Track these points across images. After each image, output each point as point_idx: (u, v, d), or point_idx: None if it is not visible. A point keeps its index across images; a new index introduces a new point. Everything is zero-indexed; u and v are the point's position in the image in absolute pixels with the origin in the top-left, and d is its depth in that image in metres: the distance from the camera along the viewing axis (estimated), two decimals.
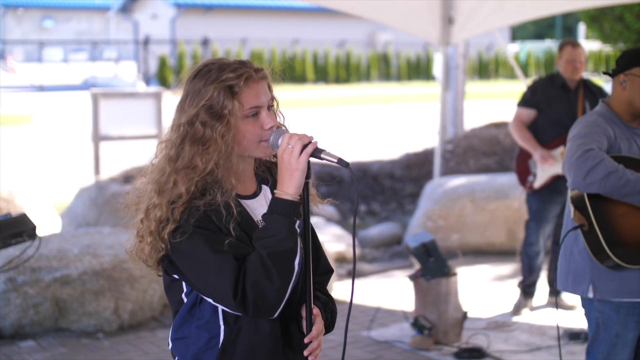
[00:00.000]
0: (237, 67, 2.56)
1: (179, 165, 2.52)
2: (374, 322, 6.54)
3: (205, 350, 2.57)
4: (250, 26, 38.14)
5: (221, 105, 2.51)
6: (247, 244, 2.50)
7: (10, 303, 6.33)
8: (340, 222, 10.19)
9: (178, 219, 2.47)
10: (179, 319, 2.63)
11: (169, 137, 2.57)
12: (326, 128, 21.13)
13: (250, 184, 2.67)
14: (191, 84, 2.57)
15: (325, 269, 2.84)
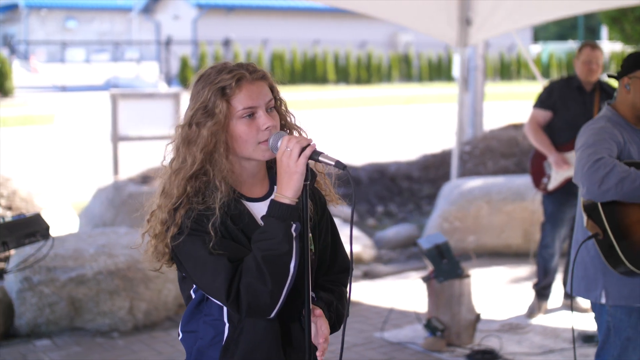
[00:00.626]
0: (233, 69, 2.60)
1: (176, 166, 2.58)
2: (388, 324, 6.54)
3: (210, 346, 2.63)
4: (271, 27, 38.18)
5: (213, 105, 2.56)
6: (245, 246, 2.53)
7: (26, 302, 6.38)
8: (357, 223, 10.19)
9: (179, 223, 2.53)
10: (188, 313, 2.70)
11: (173, 140, 2.62)
12: (346, 129, 21.16)
13: (259, 186, 2.69)
14: (194, 87, 2.63)
15: (343, 266, 2.86)
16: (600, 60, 6.49)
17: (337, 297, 2.80)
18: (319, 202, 2.80)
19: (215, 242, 2.50)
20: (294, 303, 2.61)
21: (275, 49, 35.20)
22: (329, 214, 2.84)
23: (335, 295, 2.80)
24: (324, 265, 2.81)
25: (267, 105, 2.61)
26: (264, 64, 34.60)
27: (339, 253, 2.85)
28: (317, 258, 2.75)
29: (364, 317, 6.86)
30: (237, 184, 2.63)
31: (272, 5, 38.12)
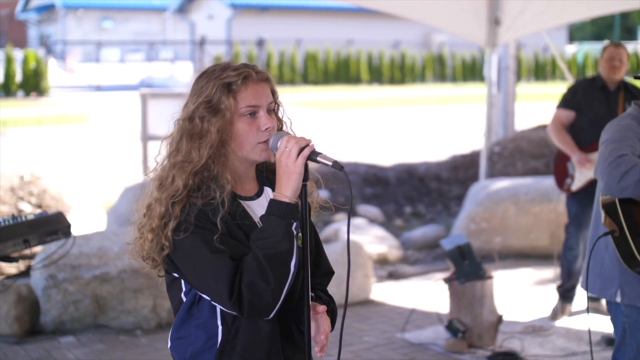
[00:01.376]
0: (239, 67, 2.62)
1: (178, 159, 2.57)
2: (410, 324, 6.53)
3: (203, 351, 2.60)
4: (305, 27, 38.23)
5: (218, 100, 2.56)
6: (245, 244, 2.53)
7: (51, 299, 6.45)
8: (383, 224, 10.18)
9: (179, 215, 2.51)
10: (179, 319, 2.66)
11: (171, 134, 2.62)
12: (377, 129, 21.12)
13: (251, 186, 2.70)
14: (196, 83, 2.63)
15: (325, 270, 2.88)
16: (624, 58, 6.42)
17: (330, 298, 2.83)
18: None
19: (216, 238, 2.48)
20: (291, 302, 2.62)
21: (308, 49, 35.22)
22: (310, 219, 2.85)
23: (328, 296, 2.83)
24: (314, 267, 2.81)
25: (268, 106, 2.63)
26: (297, 64, 34.68)
27: (322, 257, 2.87)
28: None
29: (387, 317, 6.85)
30: (232, 183, 2.63)
31: (306, 5, 38.15)
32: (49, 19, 52.34)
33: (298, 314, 2.67)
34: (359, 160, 12.72)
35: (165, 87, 29.14)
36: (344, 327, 6.34)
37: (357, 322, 6.76)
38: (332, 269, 2.91)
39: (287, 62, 34.60)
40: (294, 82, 34.76)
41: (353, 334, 6.45)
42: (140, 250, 2.61)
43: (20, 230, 4.69)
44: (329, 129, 20.98)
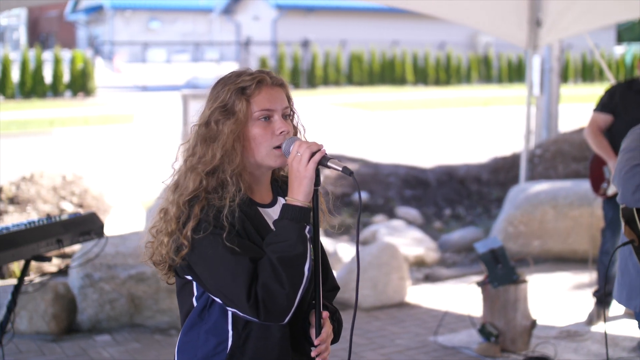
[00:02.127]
0: (254, 72, 2.64)
1: (193, 162, 2.60)
2: (445, 327, 6.51)
3: (213, 355, 2.60)
4: (350, 28, 38.23)
5: (233, 104, 2.59)
6: (262, 248, 2.53)
7: (87, 298, 6.53)
8: (422, 226, 10.15)
9: (199, 214, 2.52)
10: (189, 323, 2.66)
11: (188, 140, 2.65)
12: (421, 130, 21.04)
13: (267, 194, 2.72)
14: (213, 90, 2.66)
15: (332, 285, 2.86)
16: None
17: (336, 309, 2.81)
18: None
19: (236, 241, 2.49)
20: (301, 308, 2.61)
21: (353, 50, 35.20)
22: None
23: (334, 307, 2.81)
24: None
25: (283, 111, 2.64)
26: (342, 65, 34.67)
27: (329, 270, 2.85)
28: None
29: (421, 320, 6.83)
30: (250, 189, 2.65)
31: (351, 6, 38.13)
32: (97, 20, 52.97)
33: (306, 322, 2.67)
34: (400, 161, 12.69)
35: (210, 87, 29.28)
36: (378, 330, 6.34)
37: (391, 324, 6.75)
38: (337, 285, 2.89)
39: (332, 63, 34.61)
40: (338, 83, 34.76)
41: (386, 336, 6.45)
42: (152, 255, 2.63)
43: (54, 230, 4.76)
44: (372, 130, 20.97)
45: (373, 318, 6.93)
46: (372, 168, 11.67)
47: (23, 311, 6.48)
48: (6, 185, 10.09)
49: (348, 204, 10.75)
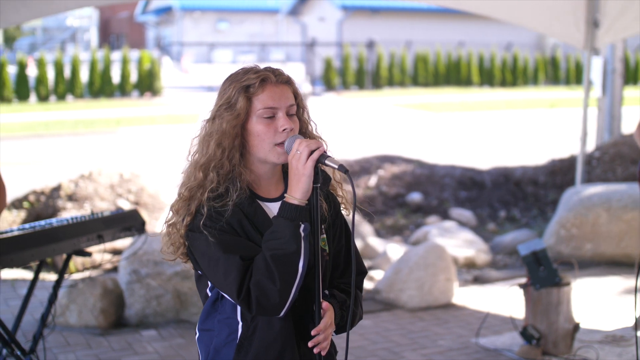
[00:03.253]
0: (260, 70, 2.68)
1: (196, 158, 2.68)
2: (488, 330, 6.48)
3: (225, 344, 2.70)
4: (415, 29, 38.10)
5: (236, 101, 2.65)
6: (259, 244, 2.59)
7: (134, 293, 6.66)
8: (475, 228, 10.09)
9: (194, 212, 2.61)
10: (205, 312, 2.77)
11: (197, 134, 2.72)
12: (484, 131, 20.88)
13: (275, 188, 2.75)
14: (222, 86, 2.72)
15: (358, 269, 2.89)
16: None
17: (354, 297, 2.83)
18: (333, 205, 2.83)
19: (229, 238, 2.56)
20: (307, 301, 2.66)
21: (419, 51, 35.06)
22: (342, 217, 2.89)
23: (348, 296, 2.83)
24: (339, 267, 2.85)
25: (287, 109, 2.68)
26: (407, 66, 34.56)
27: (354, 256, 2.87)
28: (332, 260, 2.79)
29: (466, 321, 6.81)
30: (254, 184, 2.71)
31: (417, 7, 38.00)
32: (166, 21, 53.70)
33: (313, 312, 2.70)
34: (457, 163, 12.62)
35: None
36: (421, 330, 6.33)
37: (435, 325, 6.74)
38: (364, 269, 2.94)
39: (397, 64, 34.53)
40: (403, 84, 34.67)
41: (428, 337, 6.44)
42: (167, 246, 2.70)
43: (95, 226, 4.88)
44: (434, 132, 20.88)
45: (417, 319, 6.92)
46: (427, 169, 11.64)
47: (73, 305, 6.63)
48: (65, 182, 10.32)
49: (402, 205, 10.74)
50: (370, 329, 6.67)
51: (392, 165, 11.74)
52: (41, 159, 16.49)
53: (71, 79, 29.13)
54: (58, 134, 20.71)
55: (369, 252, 8.85)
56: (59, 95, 28.88)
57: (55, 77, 28.70)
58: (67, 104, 27.93)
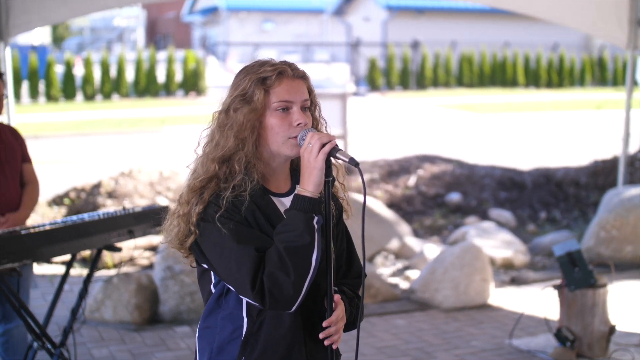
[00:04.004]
0: (276, 63, 2.66)
1: (209, 149, 2.66)
2: (523, 331, 6.42)
3: (229, 341, 2.65)
4: (460, 29, 37.87)
5: (252, 93, 2.62)
6: (271, 237, 2.56)
7: (168, 290, 6.69)
8: (514, 229, 9.99)
9: (207, 200, 2.57)
10: (207, 309, 2.72)
11: (209, 126, 2.70)
12: (527, 133, 20.70)
13: (285, 183, 2.74)
14: (236, 78, 2.70)
15: (357, 272, 2.87)
16: None
17: (358, 296, 2.81)
18: (337, 206, 2.81)
19: (243, 229, 2.53)
20: (315, 298, 2.63)
21: (464, 51, 34.85)
22: (343, 220, 2.85)
23: (356, 295, 2.81)
24: (341, 269, 2.83)
25: (302, 104, 2.66)
26: (452, 66, 34.37)
27: (354, 258, 2.87)
28: (336, 260, 2.76)
29: (501, 322, 6.74)
30: (265, 178, 2.68)
31: (462, 7, 37.79)
32: (212, 21, 54.00)
33: (322, 308, 2.67)
34: (497, 163, 12.52)
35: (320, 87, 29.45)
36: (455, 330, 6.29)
37: (469, 326, 6.68)
38: (362, 271, 2.90)
39: (441, 65, 34.33)
40: (448, 85, 34.48)
41: (462, 337, 6.39)
42: (174, 239, 2.67)
43: (126, 221, 4.91)
44: (477, 132, 20.74)
45: (452, 319, 6.87)
46: (467, 169, 11.56)
47: (108, 300, 6.69)
48: (106, 180, 10.42)
49: (441, 205, 10.68)
50: (404, 329, 6.63)
51: (431, 165, 11.68)
52: (86, 156, 16.66)
53: (117, 79, 29.42)
54: (103, 132, 20.93)
55: (406, 251, 8.81)
56: (105, 95, 29.18)
57: (102, 76, 29.00)
58: (112, 103, 28.22)
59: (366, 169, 11.74)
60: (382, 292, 7.38)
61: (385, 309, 7.14)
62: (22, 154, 5.02)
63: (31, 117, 23.27)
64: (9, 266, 4.17)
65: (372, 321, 6.82)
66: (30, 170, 5.06)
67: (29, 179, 5.04)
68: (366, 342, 6.33)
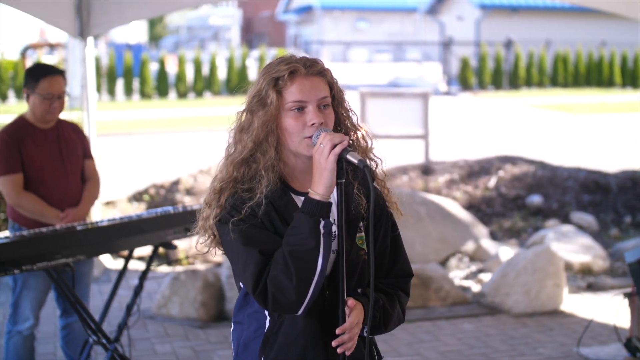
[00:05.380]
0: (291, 61, 2.62)
1: (229, 152, 2.66)
2: (594, 339, 6.24)
3: (253, 338, 2.67)
4: (555, 28, 37.11)
5: (266, 94, 2.59)
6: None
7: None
8: (595, 233, 9.71)
9: (223, 203, 2.59)
10: (237, 305, 2.76)
11: (233, 126, 2.70)
12: (620, 134, 20.16)
13: (310, 182, 2.65)
14: (258, 75, 2.68)
15: (403, 271, 2.80)
16: None
17: (389, 299, 2.72)
18: (379, 204, 2.72)
19: (252, 231, 2.52)
20: (335, 299, 2.58)
21: (558, 51, 34.16)
22: (389, 217, 2.77)
23: (387, 297, 2.72)
24: (383, 268, 2.75)
25: (319, 101, 2.60)
26: (546, 66, 33.75)
27: (399, 257, 2.79)
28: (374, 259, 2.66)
29: (571, 330, 6.55)
30: (289, 177, 2.66)
31: (558, 5, 37.04)
32: (307, 20, 54.28)
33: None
34: (583, 165, 12.20)
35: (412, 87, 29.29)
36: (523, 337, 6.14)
37: (538, 332, 6.52)
38: (410, 272, 2.82)
39: (535, 64, 33.72)
40: (542, 85, 33.84)
41: (529, 344, 6.24)
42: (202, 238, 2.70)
43: (184, 219, 4.93)
44: (567, 133, 20.29)
45: (521, 324, 6.71)
46: (549, 171, 11.30)
47: (175, 297, 6.75)
48: (184, 177, 10.54)
49: (521, 207, 10.47)
50: (470, 333, 6.51)
51: (513, 167, 11.46)
52: (173, 153, 16.90)
53: (209, 76, 29.83)
54: (194, 129, 21.21)
55: (481, 254, 8.66)
56: (197, 92, 29.62)
57: (194, 74, 29.45)
58: (204, 101, 28.61)
59: (446, 169, 11.60)
60: (452, 295, 7.27)
61: (453, 312, 7.02)
62: (83, 150, 5.09)
63: (125, 114, 23.78)
64: (63, 261, 4.24)
65: (439, 325, 6.72)
66: (91, 167, 5.13)
67: (90, 175, 5.11)
68: (430, 345, 6.24)
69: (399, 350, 6.13)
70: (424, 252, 8.42)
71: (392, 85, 33.22)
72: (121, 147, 17.23)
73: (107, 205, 10.04)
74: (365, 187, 2.67)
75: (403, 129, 12.29)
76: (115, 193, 10.57)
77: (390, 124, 12.19)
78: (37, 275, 4.76)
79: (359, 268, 2.65)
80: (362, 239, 2.65)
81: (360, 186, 2.67)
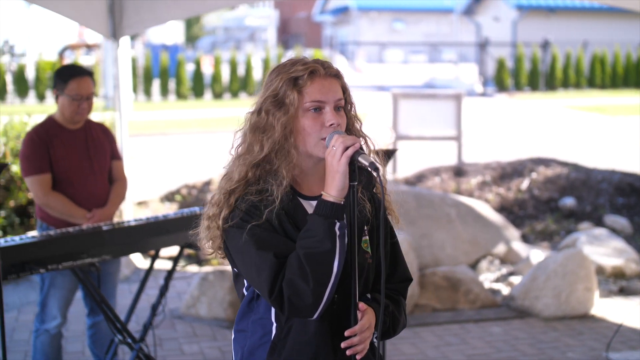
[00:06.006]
0: (308, 62, 2.61)
1: (241, 152, 2.62)
2: (624, 344, 6.16)
3: (258, 346, 2.63)
4: (592, 28, 36.76)
5: (284, 94, 2.57)
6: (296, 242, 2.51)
7: None
8: (629, 237, 9.60)
9: (232, 204, 2.55)
10: (240, 312, 2.71)
11: (241, 127, 2.67)
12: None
13: (318, 185, 2.65)
14: (268, 77, 2.66)
15: (403, 276, 2.79)
16: None
17: (395, 304, 2.71)
18: (374, 209, 2.71)
19: (265, 234, 2.49)
20: (345, 303, 2.56)
21: (596, 52, 33.84)
22: (388, 224, 2.75)
23: (393, 302, 2.71)
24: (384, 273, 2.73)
25: (335, 103, 2.59)
26: (583, 67, 33.44)
27: (399, 263, 2.78)
28: (375, 263, 2.66)
29: (602, 334, 6.49)
30: (297, 180, 2.64)
31: (596, 6, 36.68)
32: (343, 21, 54.28)
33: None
34: (618, 167, 12.07)
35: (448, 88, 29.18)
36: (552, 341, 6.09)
37: (568, 336, 6.46)
38: (410, 276, 2.81)
39: (572, 65, 33.42)
40: (579, 86, 33.54)
41: (558, 348, 6.18)
42: (206, 240, 2.66)
43: None
44: (603, 135, 20.10)
45: (550, 328, 6.65)
46: (583, 173, 11.18)
47: (203, 297, 6.78)
48: (216, 177, 10.58)
49: (554, 210, 10.38)
50: (499, 337, 6.47)
51: (546, 169, 11.36)
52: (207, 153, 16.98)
53: (245, 77, 29.92)
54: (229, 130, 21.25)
55: (512, 257, 8.60)
56: (232, 93, 29.72)
57: (230, 75, 29.55)
58: (240, 101, 28.69)
59: (478, 171, 11.53)
60: (481, 298, 7.23)
61: (482, 315, 6.98)
62: (111, 151, 5.13)
63: (161, 115, 23.93)
64: (88, 261, 4.27)
65: (467, 328, 6.68)
66: (119, 168, 5.17)
67: (118, 176, 5.15)
68: (457, 349, 6.21)
69: (426, 353, 6.11)
70: (455, 254, 8.38)
71: (428, 87, 33.13)
72: (156, 147, 17.34)
73: (140, 205, 10.11)
74: (368, 191, 2.66)
75: (436, 131, 12.25)
76: (148, 193, 10.65)
77: (423, 125, 12.16)
78: (64, 274, 4.81)
79: (365, 272, 2.64)
80: (367, 243, 2.64)
81: (364, 189, 2.65)
